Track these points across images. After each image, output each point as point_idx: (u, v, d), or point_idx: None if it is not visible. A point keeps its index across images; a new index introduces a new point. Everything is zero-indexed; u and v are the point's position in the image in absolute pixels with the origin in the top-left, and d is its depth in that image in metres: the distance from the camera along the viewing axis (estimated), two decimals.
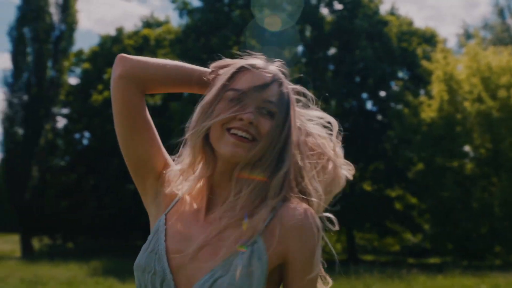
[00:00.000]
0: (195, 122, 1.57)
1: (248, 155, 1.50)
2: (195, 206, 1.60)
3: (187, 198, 1.63)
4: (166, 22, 37.31)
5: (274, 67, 1.65)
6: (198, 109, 1.59)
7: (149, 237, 1.58)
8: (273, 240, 1.45)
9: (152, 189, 1.68)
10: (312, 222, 1.51)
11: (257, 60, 1.64)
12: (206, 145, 1.57)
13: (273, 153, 1.53)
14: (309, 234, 1.49)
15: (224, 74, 1.59)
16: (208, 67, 1.68)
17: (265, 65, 1.62)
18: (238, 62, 1.62)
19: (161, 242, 1.52)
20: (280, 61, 1.70)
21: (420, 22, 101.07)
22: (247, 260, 1.41)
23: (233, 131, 1.50)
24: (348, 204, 26.30)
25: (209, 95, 1.58)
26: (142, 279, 1.51)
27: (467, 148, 24.31)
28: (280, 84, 1.60)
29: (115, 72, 1.62)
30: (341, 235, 31.37)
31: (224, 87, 1.55)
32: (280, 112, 1.55)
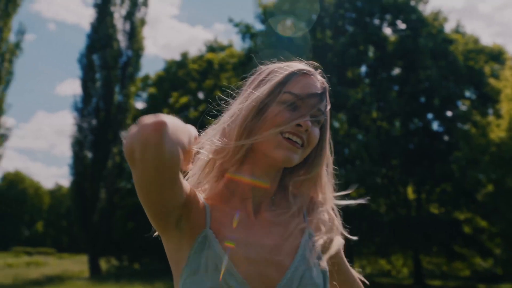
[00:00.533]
0: (244, 118, 1.50)
1: (297, 160, 1.52)
2: (235, 210, 1.51)
3: (219, 206, 1.52)
4: (229, 46, 37.87)
5: (321, 76, 1.64)
6: (247, 104, 1.52)
7: (196, 256, 1.41)
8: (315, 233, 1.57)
9: (175, 219, 1.44)
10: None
11: (308, 67, 1.62)
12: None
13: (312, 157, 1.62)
14: (340, 225, 1.70)
15: (278, 74, 1.57)
16: None
17: (315, 73, 1.61)
18: (292, 65, 1.61)
19: (222, 256, 1.39)
20: (314, 63, 1.68)
21: (487, 39, 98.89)
22: (313, 252, 1.50)
23: (287, 135, 1.48)
24: (414, 227, 25.70)
25: (261, 93, 1.53)
26: None
27: None
28: (327, 94, 1.61)
29: (155, 145, 1.27)
30: (408, 259, 30.65)
31: (279, 88, 1.53)
32: (325, 122, 1.60)
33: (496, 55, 29.02)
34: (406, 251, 29.71)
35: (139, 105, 36.49)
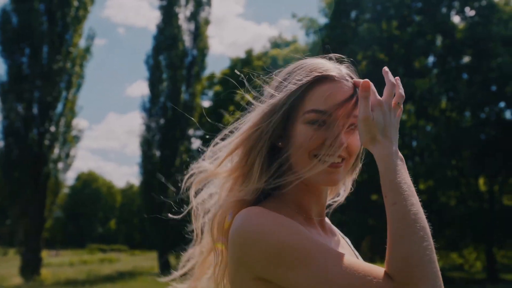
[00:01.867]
0: (255, 139, 1.44)
1: (343, 178, 1.45)
2: (313, 227, 1.47)
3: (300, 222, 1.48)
4: (294, 41, 37.77)
5: (349, 71, 1.49)
6: (257, 129, 1.43)
7: None
8: None
9: None
10: None
11: (331, 66, 1.46)
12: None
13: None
14: None
15: (293, 87, 1.42)
16: None
17: (340, 71, 1.45)
18: (307, 70, 1.44)
19: None
20: (342, 57, 1.53)
21: None
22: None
23: (325, 158, 1.36)
24: (486, 220, 24.94)
25: (274, 113, 1.41)
26: None
27: None
28: (356, 90, 1.43)
29: None
30: (480, 253, 29.77)
31: (298, 103, 1.39)
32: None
33: None
34: (478, 245, 28.88)
35: (205, 103, 36.99)
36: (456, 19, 27.96)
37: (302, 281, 1.17)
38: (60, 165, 26.33)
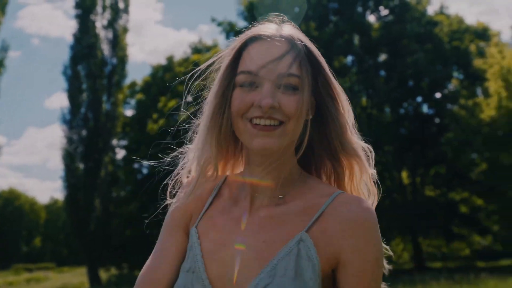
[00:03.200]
0: (209, 118, 1.39)
1: (281, 143, 1.29)
2: (233, 207, 1.40)
3: (223, 200, 1.44)
4: (215, 45, 37.76)
5: (289, 30, 1.39)
6: (210, 103, 1.40)
7: (186, 256, 1.40)
8: (324, 239, 1.27)
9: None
10: (371, 216, 1.29)
11: (266, 27, 1.39)
12: (232, 139, 1.41)
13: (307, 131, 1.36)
14: (370, 231, 1.28)
15: (228, 53, 1.40)
16: None
17: (277, 31, 1.37)
18: (242, 35, 1.40)
19: (198, 259, 1.34)
20: (288, 21, 1.44)
21: (471, 18, 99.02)
22: (294, 262, 1.24)
23: (255, 121, 1.28)
24: (411, 211, 25.77)
25: (216, 85, 1.39)
26: None
27: None
28: (299, 48, 1.34)
29: None
30: (407, 243, 30.72)
31: (232, 70, 1.36)
32: (305, 83, 1.32)
33: (481, 34, 29.04)
34: (405, 236, 29.79)
35: (128, 112, 36.39)
36: (371, 18, 28.80)
37: None
38: None
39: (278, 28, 1.39)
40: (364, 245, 1.26)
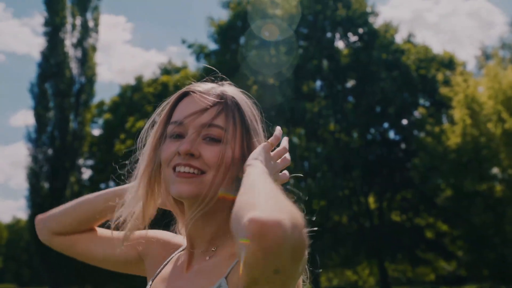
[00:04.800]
0: (143, 170, 1.43)
1: (198, 191, 1.32)
2: (180, 262, 1.45)
3: (177, 257, 1.50)
4: (184, 67, 37.79)
5: (222, 88, 1.45)
6: (144, 155, 1.44)
7: None
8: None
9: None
10: None
11: (201, 84, 1.47)
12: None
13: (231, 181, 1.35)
14: None
15: (164, 107, 1.47)
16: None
17: (211, 87, 1.43)
18: (179, 91, 1.47)
19: None
20: (230, 83, 1.51)
21: (437, 47, 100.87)
22: None
23: (177, 168, 1.32)
24: (377, 236, 25.91)
25: (151, 137, 1.44)
26: None
27: (495, 170, 23.87)
28: (227, 104, 1.39)
29: (39, 236, 1.70)
30: (373, 268, 30.85)
31: (165, 123, 1.42)
32: (229, 136, 1.35)
33: (447, 63, 29.66)
34: (371, 260, 29.91)
35: (96, 131, 36.03)
36: (340, 44, 29.16)
37: None
38: None
39: (214, 86, 1.45)
40: None
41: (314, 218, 1.36)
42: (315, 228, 1.32)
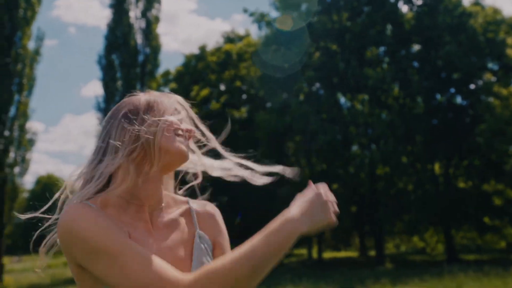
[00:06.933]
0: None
1: None
2: (134, 220, 1.54)
3: (116, 215, 1.53)
4: (247, 35, 37.86)
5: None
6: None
7: None
8: (208, 230, 1.65)
9: None
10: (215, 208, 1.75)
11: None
12: None
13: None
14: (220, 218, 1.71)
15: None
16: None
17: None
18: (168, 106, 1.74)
19: None
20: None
21: (509, 9, 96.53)
22: (207, 255, 1.57)
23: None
24: (443, 203, 25.58)
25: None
26: None
27: None
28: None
29: None
30: (440, 235, 30.49)
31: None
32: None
33: None
34: (437, 228, 29.58)
35: None
36: (404, 8, 28.53)
37: (108, 274, 1.38)
38: (17, 169, 25.94)
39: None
40: (225, 230, 1.70)
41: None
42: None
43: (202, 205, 1.70)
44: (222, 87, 34.97)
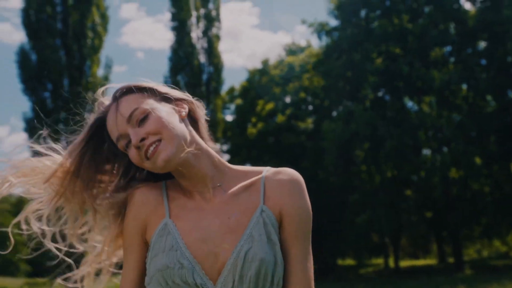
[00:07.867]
0: None
1: (171, 152, 1.63)
2: (190, 201, 1.67)
3: (177, 196, 1.70)
4: (308, 46, 37.87)
5: (109, 90, 1.84)
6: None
7: (157, 241, 1.61)
8: (271, 204, 1.62)
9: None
10: (299, 178, 1.67)
11: (102, 104, 1.83)
12: None
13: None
14: (300, 188, 1.66)
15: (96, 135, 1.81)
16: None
17: (105, 101, 1.83)
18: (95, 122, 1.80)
19: (178, 239, 1.57)
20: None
21: None
22: (263, 229, 1.57)
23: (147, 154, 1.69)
24: None
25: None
26: (168, 276, 1.52)
27: None
28: (122, 92, 1.75)
29: None
30: None
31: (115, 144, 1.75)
32: (145, 105, 1.70)
33: None
34: None
35: (229, 117, 37.25)
36: (466, 5, 27.90)
37: None
38: None
39: (104, 97, 1.84)
40: (298, 198, 1.65)
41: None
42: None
43: (276, 173, 1.69)
44: (287, 100, 35.03)
